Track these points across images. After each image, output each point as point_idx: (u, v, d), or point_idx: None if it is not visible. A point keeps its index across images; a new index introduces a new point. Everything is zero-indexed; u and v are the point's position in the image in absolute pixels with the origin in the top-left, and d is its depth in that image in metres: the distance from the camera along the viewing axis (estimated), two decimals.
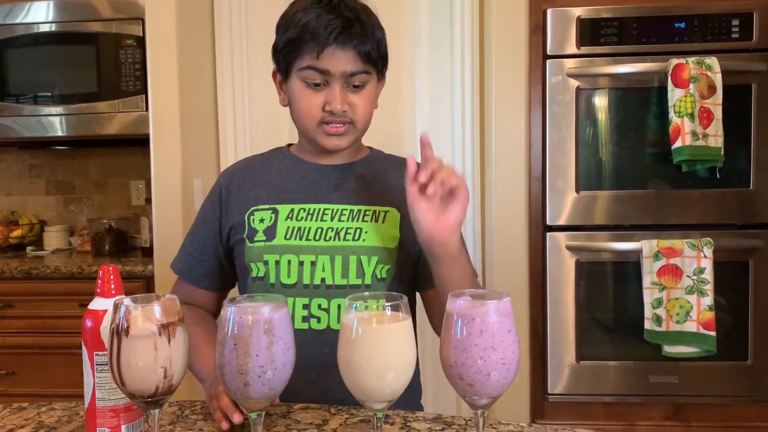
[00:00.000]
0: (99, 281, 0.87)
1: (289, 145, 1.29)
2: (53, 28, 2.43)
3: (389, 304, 0.75)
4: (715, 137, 1.97)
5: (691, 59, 1.97)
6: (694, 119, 1.95)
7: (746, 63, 2.02)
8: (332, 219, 1.16)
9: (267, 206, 1.18)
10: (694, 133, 1.94)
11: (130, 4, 2.38)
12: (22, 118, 2.46)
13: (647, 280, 2.01)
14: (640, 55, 2.04)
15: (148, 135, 2.25)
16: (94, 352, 0.84)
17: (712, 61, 1.97)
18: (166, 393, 0.76)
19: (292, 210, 1.17)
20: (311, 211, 1.17)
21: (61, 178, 2.90)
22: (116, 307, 0.74)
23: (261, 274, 1.15)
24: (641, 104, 2.07)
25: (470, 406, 0.76)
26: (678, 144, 1.96)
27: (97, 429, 0.85)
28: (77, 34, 2.43)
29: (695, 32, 2.03)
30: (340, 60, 1.10)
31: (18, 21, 2.44)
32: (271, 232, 1.16)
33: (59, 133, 2.46)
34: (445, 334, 0.75)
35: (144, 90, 2.36)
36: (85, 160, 2.87)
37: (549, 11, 2.06)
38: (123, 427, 0.85)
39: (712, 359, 2.04)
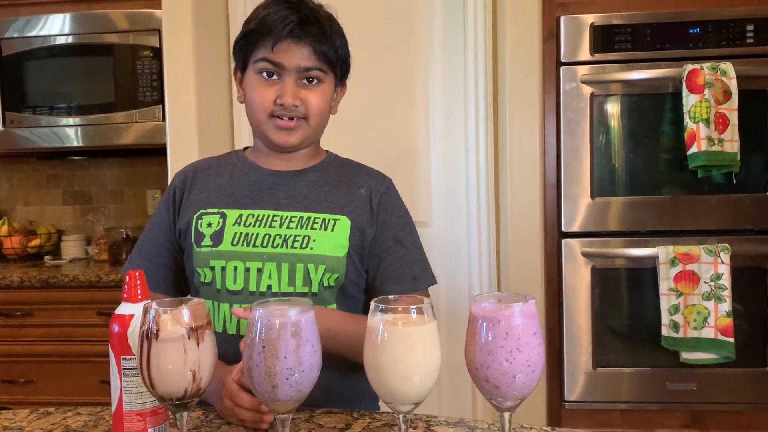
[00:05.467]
0: (126, 286, 0.88)
1: (246, 148, 1.29)
2: (70, 41, 2.47)
3: (414, 306, 0.76)
4: (731, 142, 1.97)
5: (706, 65, 1.97)
6: (710, 125, 1.94)
7: (762, 68, 2.01)
8: (281, 226, 1.15)
9: (215, 210, 1.18)
10: (709, 139, 1.94)
11: (147, 16, 2.41)
12: (40, 129, 2.49)
13: (664, 286, 2.00)
14: (654, 61, 2.04)
15: (164, 145, 2.27)
16: (121, 357, 0.85)
17: (727, 66, 1.97)
18: (195, 395, 0.77)
19: (241, 215, 1.16)
20: (260, 218, 1.16)
21: (78, 188, 2.93)
22: (146, 311, 0.76)
23: (208, 280, 1.16)
24: (656, 110, 2.07)
25: (496, 409, 0.77)
26: (694, 149, 1.96)
27: None
28: (94, 46, 2.46)
29: (710, 38, 2.03)
30: (295, 54, 1.12)
31: (35, 33, 2.48)
32: (218, 238, 1.15)
33: (76, 144, 2.49)
34: (470, 337, 0.75)
35: (160, 100, 2.39)
36: (101, 170, 2.90)
37: (562, 18, 2.07)
38: (150, 431, 0.86)
39: (730, 366, 2.02)
